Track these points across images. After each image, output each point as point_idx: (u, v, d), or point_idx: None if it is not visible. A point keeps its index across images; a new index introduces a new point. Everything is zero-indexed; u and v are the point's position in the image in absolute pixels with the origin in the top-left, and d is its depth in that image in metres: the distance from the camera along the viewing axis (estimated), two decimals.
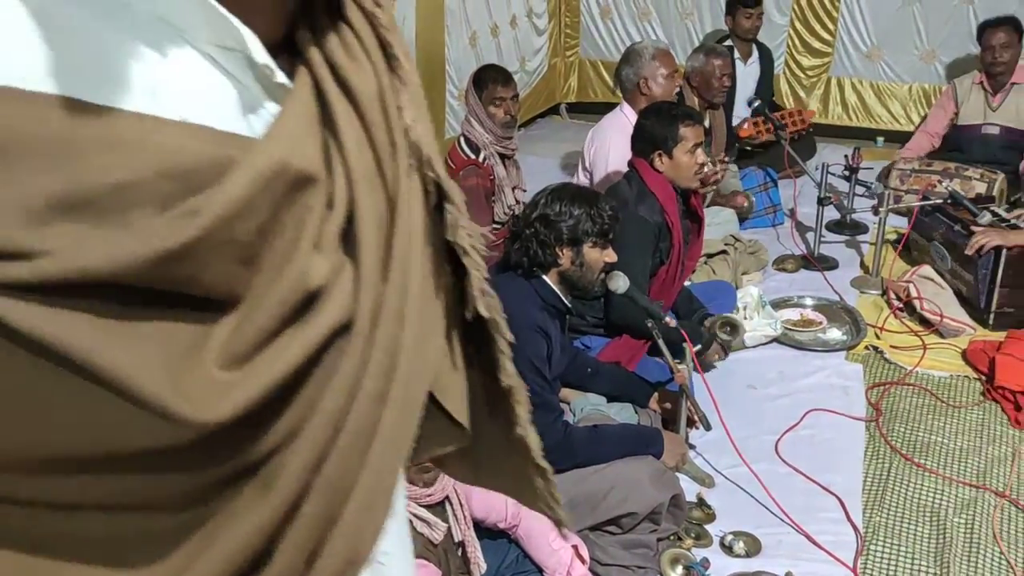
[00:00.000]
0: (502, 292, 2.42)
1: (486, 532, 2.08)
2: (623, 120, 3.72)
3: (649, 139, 3.08)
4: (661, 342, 2.67)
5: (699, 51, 4.42)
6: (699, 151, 3.04)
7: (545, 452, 2.52)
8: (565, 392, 2.80)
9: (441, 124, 5.38)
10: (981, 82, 4.89)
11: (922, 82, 5.70)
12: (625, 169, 3.19)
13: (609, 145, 3.73)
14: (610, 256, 2.44)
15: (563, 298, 2.43)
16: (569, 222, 2.37)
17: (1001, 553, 2.45)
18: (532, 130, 6.56)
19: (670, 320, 2.70)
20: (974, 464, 2.86)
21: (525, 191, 3.90)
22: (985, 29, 4.79)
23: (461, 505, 1.78)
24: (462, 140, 3.76)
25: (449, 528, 1.82)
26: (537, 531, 2.07)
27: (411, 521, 1.65)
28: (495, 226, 3.75)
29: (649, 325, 2.69)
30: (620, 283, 2.66)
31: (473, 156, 3.70)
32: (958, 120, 4.99)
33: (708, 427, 2.71)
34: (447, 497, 1.74)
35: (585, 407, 2.73)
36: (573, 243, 2.38)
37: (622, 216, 2.81)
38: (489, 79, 3.73)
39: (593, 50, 6.55)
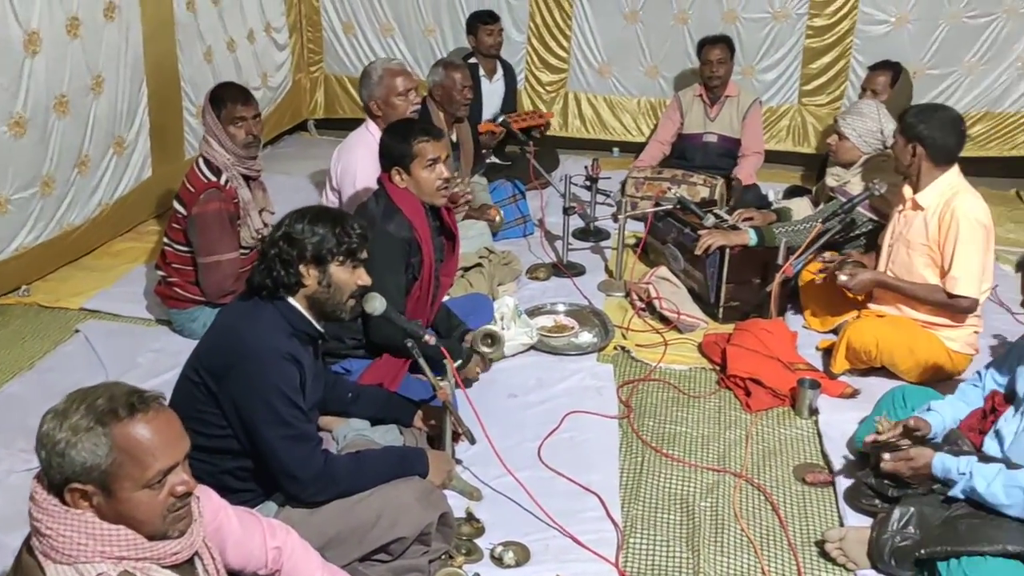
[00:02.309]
0: (247, 320, 2.27)
1: None
2: (368, 137, 3.68)
3: (389, 156, 3.06)
4: (421, 360, 2.66)
5: (439, 65, 4.47)
6: (439, 166, 3.04)
7: (305, 484, 2.41)
8: (327, 420, 2.71)
9: (180, 145, 5.06)
10: (701, 95, 5.34)
11: (648, 96, 6.14)
12: (375, 187, 3.15)
13: (355, 163, 3.67)
14: (363, 278, 2.38)
15: (314, 323, 2.34)
16: (313, 240, 2.28)
17: (742, 530, 2.67)
18: (280, 148, 6.35)
19: (429, 338, 2.69)
20: (715, 449, 3.10)
21: (273, 213, 3.74)
22: (704, 45, 5.24)
23: (213, 559, 1.65)
24: (201, 162, 3.54)
25: None
26: (303, 573, 1.97)
27: None
28: (243, 251, 3.57)
29: (408, 345, 2.67)
30: (376, 304, 2.61)
31: (214, 178, 3.50)
32: (683, 129, 5.42)
33: (473, 440, 2.73)
34: (196, 553, 1.60)
35: (348, 434, 2.66)
36: (318, 262, 2.29)
37: (371, 234, 2.77)
38: (227, 98, 3.53)
39: (338, 65, 6.46)
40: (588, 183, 4.74)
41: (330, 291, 2.32)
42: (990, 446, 2.48)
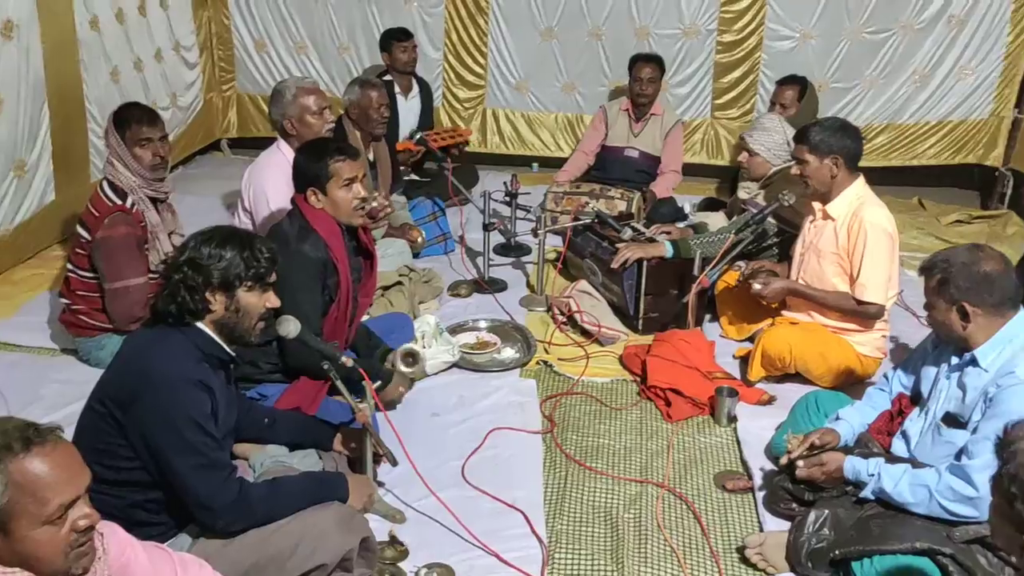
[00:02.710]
0: (154, 347, 2.19)
1: None
2: (279, 158, 3.61)
3: (303, 176, 3.01)
4: (339, 383, 2.60)
5: (354, 83, 4.42)
6: (356, 186, 3.01)
7: (219, 514, 2.33)
8: (243, 447, 2.64)
9: (85, 167, 4.89)
10: (627, 109, 5.41)
11: (566, 111, 6.20)
12: (288, 207, 3.09)
13: (267, 184, 3.60)
14: (272, 301, 2.33)
15: (224, 347, 2.28)
16: (220, 265, 2.22)
17: (666, 540, 2.69)
18: (191, 168, 6.20)
19: (347, 359, 2.64)
20: (637, 460, 3.12)
21: (183, 236, 3.63)
22: (636, 62, 5.30)
23: None
24: (106, 185, 3.42)
25: None
26: None
27: None
28: (152, 276, 3.45)
29: (325, 367, 2.61)
30: (291, 327, 2.56)
31: (120, 202, 3.38)
32: (606, 141, 5.48)
33: (394, 462, 2.68)
34: None
35: (265, 461, 2.58)
36: (225, 288, 2.23)
37: (285, 255, 2.71)
38: (132, 119, 3.42)
39: (251, 84, 6.35)
40: (508, 199, 4.75)
41: (238, 316, 2.26)
42: (898, 447, 2.56)
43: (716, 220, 4.60)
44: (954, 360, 2.47)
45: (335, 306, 3.04)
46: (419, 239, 4.52)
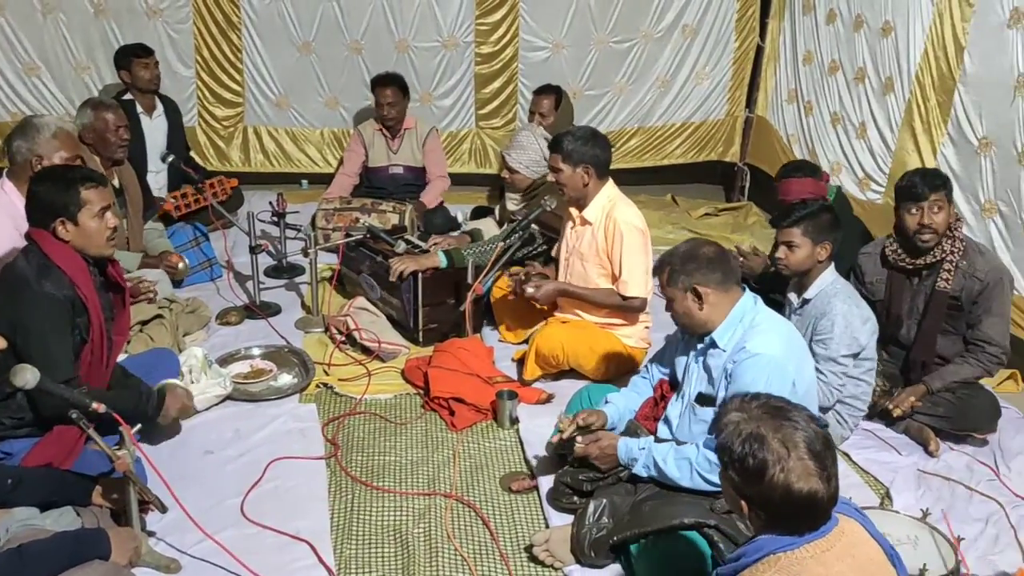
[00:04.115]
0: None
1: None
2: (1, 197, 3.27)
3: (48, 208, 2.74)
4: (92, 431, 2.40)
5: (86, 106, 4.08)
6: (108, 214, 2.80)
7: None
8: None
9: None
10: (381, 129, 5.40)
11: (331, 126, 6.10)
12: (9, 248, 2.80)
13: None
14: None
15: None
16: None
17: (456, 549, 2.70)
18: None
19: (98, 405, 2.43)
20: (425, 473, 3.11)
21: None
22: (376, 86, 5.30)
23: None
24: None
25: None
26: None
27: None
28: None
29: (74, 416, 2.40)
30: (28, 377, 2.32)
31: None
32: (369, 162, 5.45)
33: (163, 509, 2.51)
34: None
35: (11, 526, 2.33)
36: None
37: (26, 298, 2.47)
38: None
39: None
40: (275, 219, 4.60)
41: None
42: (662, 431, 2.73)
43: (488, 226, 4.71)
44: (699, 345, 2.67)
45: (88, 347, 2.79)
46: (180, 266, 4.26)
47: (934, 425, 3.29)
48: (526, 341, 3.92)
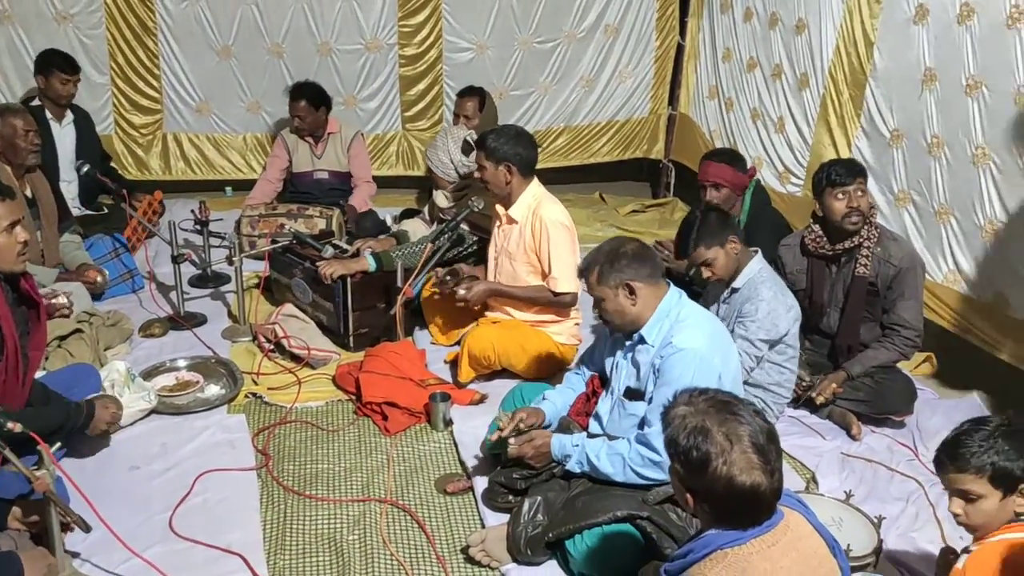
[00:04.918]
0: None
1: None
2: None
3: None
4: (7, 451, 2.31)
5: None
6: (18, 229, 2.71)
7: None
8: None
9: None
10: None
11: (254, 131, 5.99)
12: None
13: None
14: None
15: None
16: None
17: (391, 554, 2.68)
18: None
19: (14, 424, 2.35)
20: (358, 479, 3.08)
21: None
22: (290, 98, 5.21)
23: None
24: None
25: None
26: None
27: None
28: None
29: None
30: None
31: None
32: (293, 167, 5.37)
33: (87, 528, 2.43)
34: None
35: None
36: None
37: None
38: None
39: None
40: (198, 227, 4.50)
41: None
42: (594, 426, 2.76)
43: (416, 228, 4.69)
44: (627, 342, 2.70)
45: (2, 365, 2.69)
46: (99, 280, 4.13)
47: (855, 409, 3.40)
48: (458, 342, 3.91)
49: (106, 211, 4.99)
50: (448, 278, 3.74)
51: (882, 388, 3.37)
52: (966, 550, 1.99)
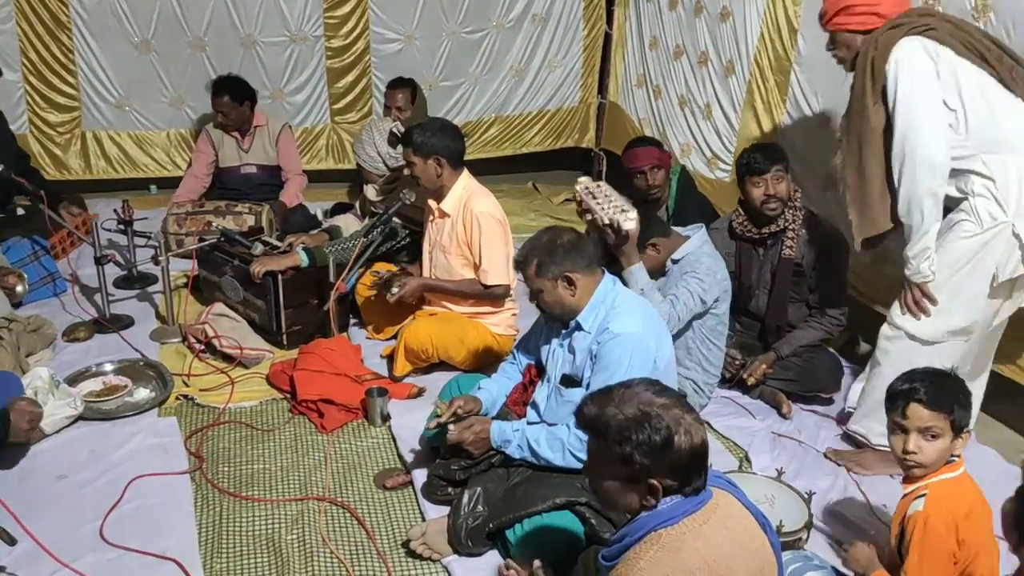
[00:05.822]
0: None
1: None
2: None
3: None
4: None
5: None
6: None
7: None
8: None
9: None
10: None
11: (178, 127, 5.84)
12: None
13: None
14: None
15: None
16: None
17: (331, 552, 2.65)
18: None
19: None
20: (296, 479, 3.04)
21: None
22: (212, 94, 5.10)
23: None
24: None
25: None
26: None
27: None
28: None
29: None
30: None
31: None
32: (220, 163, 5.25)
33: (11, 541, 2.38)
34: None
35: None
36: None
37: None
38: None
39: None
40: (122, 227, 4.37)
41: None
42: (531, 415, 2.77)
43: (347, 222, 4.63)
44: (563, 330, 2.72)
45: None
46: (19, 289, 3.99)
47: (785, 388, 3.48)
48: (394, 337, 3.89)
49: (23, 212, 4.81)
50: (385, 288, 3.67)
51: (810, 367, 3.46)
52: (912, 496, 2.15)
